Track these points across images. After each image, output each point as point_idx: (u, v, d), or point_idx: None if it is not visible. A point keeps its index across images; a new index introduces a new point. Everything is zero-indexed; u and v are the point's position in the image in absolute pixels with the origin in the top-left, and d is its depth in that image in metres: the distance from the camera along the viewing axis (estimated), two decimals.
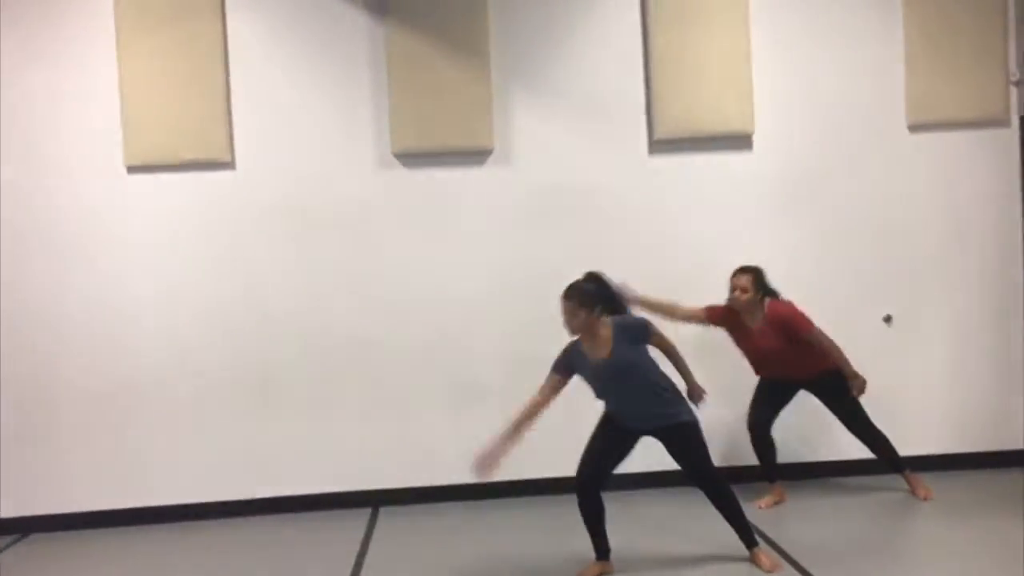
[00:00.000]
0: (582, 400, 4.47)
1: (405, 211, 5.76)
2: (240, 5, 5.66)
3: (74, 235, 5.60)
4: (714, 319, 5.35)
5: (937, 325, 5.93)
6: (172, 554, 5.18)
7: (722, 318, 5.33)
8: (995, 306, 5.98)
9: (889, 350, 5.89)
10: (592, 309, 4.29)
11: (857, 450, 5.50)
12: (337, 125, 5.72)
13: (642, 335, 4.37)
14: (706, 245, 5.84)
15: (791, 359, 5.22)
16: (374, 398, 5.77)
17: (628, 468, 4.53)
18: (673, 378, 4.48)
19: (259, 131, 5.67)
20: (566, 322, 4.31)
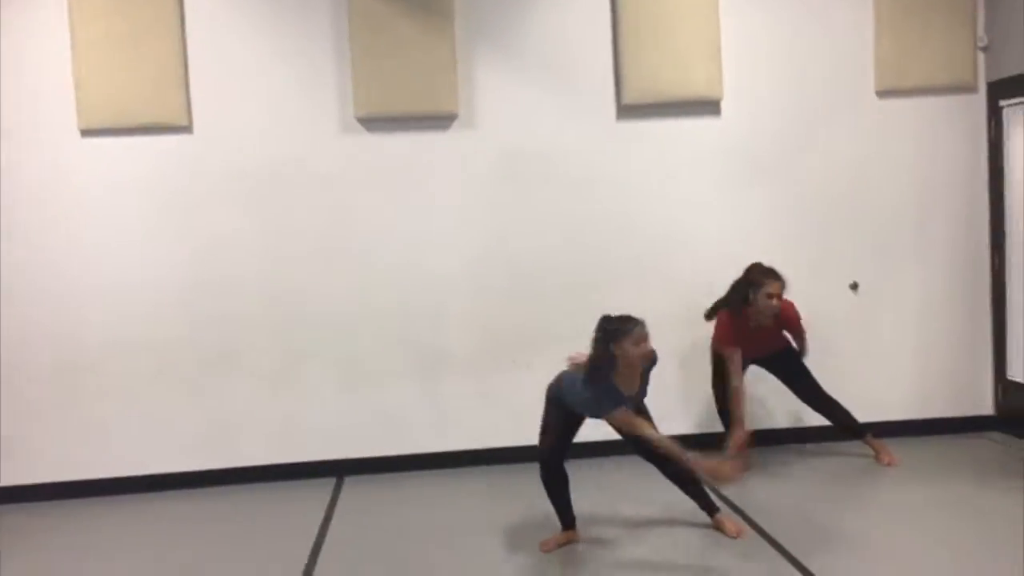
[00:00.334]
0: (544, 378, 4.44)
1: (369, 177, 5.65)
2: None
3: (27, 201, 5.44)
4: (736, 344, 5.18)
5: (904, 291, 5.94)
6: (133, 525, 5.10)
7: (738, 338, 5.16)
8: (962, 272, 5.99)
9: (856, 316, 5.90)
10: None
11: (818, 418, 5.52)
12: (298, 88, 5.58)
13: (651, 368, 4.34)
14: (674, 210, 5.81)
15: (764, 344, 5.27)
16: (339, 367, 5.69)
17: (585, 437, 4.49)
18: None
19: (217, 94, 5.52)
20: (643, 351, 4.13)
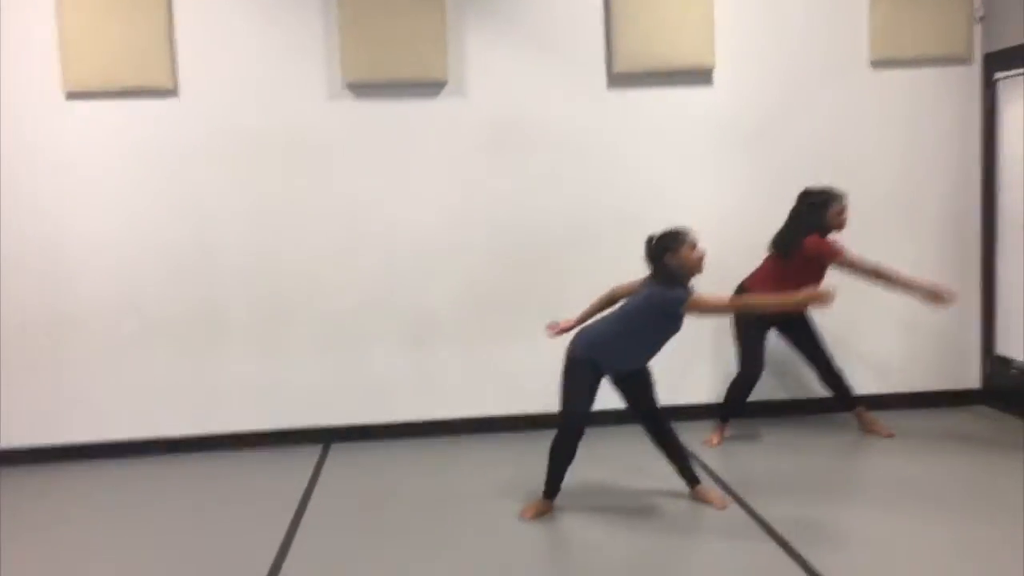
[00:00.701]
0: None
1: (356, 142, 5.60)
2: None
3: (11, 164, 5.39)
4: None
5: (894, 262, 5.84)
6: (114, 490, 5.08)
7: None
8: (952, 245, 5.96)
9: (846, 287, 5.82)
10: None
11: (804, 389, 5.51)
12: (286, 53, 5.52)
13: None
14: (665, 180, 5.77)
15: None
16: (325, 333, 5.67)
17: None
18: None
19: (204, 58, 5.46)
20: (700, 253, 4.19)
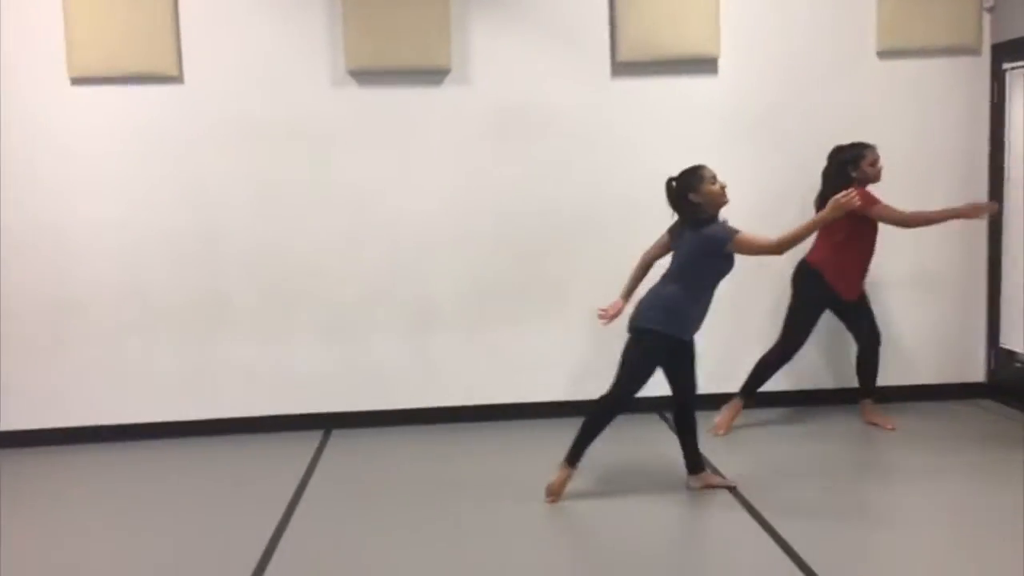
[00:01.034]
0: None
1: (359, 129, 5.60)
2: None
3: (15, 149, 5.42)
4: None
5: (901, 255, 5.85)
6: (114, 474, 5.12)
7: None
8: (958, 237, 5.90)
9: None
10: None
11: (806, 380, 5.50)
12: (290, 40, 5.52)
13: None
14: (669, 169, 5.64)
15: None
16: (328, 320, 5.68)
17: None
18: None
19: (208, 45, 5.47)
20: (722, 184, 4.41)
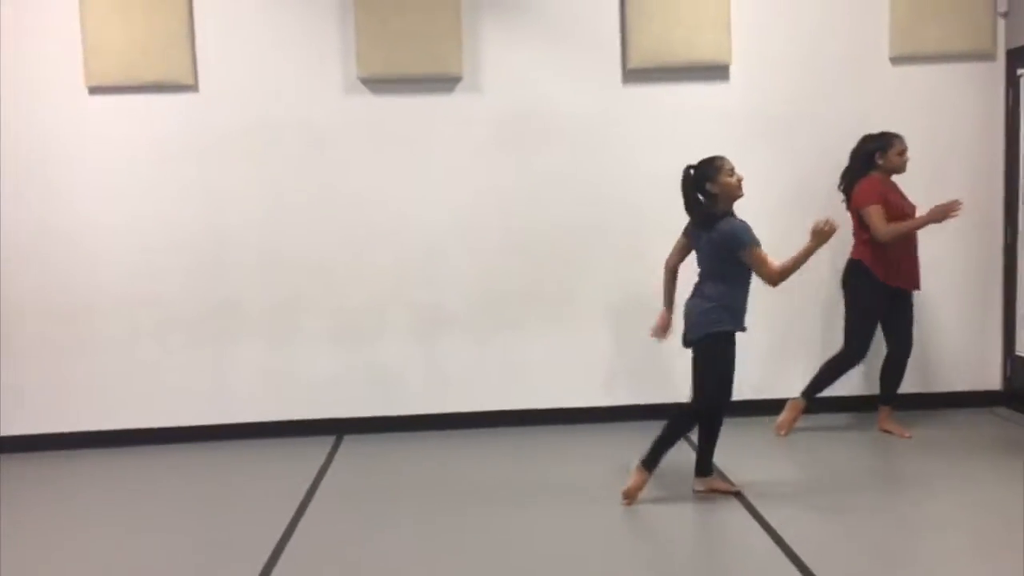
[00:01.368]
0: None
1: (371, 137, 5.65)
2: None
3: (33, 157, 5.52)
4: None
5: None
6: (123, 478, 5.17)
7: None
8: (973, 245, 5.88)
9: None
10: None
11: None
12: (302, 49, 5.59)
13: None
14: (678, 176, 5.68)
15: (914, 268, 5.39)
16: (339, 325, 5.73)
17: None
18: None
19: (223, 53, 5.55)
20: (739, 176, 4.55)
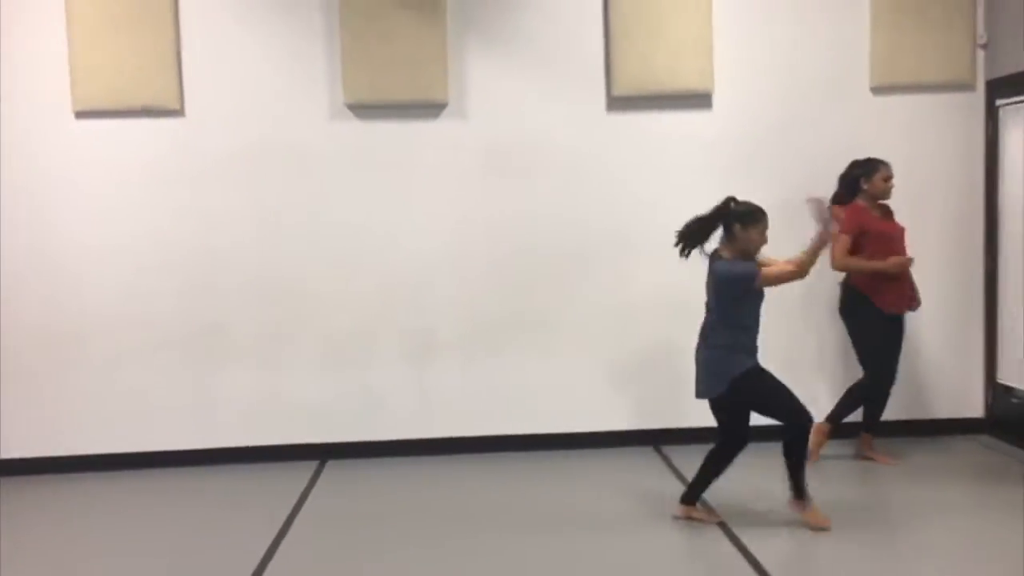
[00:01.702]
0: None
1: (357, 162, 5.69)
2: None
3: (20, 181, 5.54)
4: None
5: None
6: (109, 502, 5.18)
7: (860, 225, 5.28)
8: (955, 273, 5.92)
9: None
10: None
11: None
12: (289, 75, 5.64)
13: None
14: (664, 203, 5.75)
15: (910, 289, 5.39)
16: (325, 350, 5.74)
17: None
18: None
19: (209, 79, 5.60)
20: (764, 240, 4.53)
